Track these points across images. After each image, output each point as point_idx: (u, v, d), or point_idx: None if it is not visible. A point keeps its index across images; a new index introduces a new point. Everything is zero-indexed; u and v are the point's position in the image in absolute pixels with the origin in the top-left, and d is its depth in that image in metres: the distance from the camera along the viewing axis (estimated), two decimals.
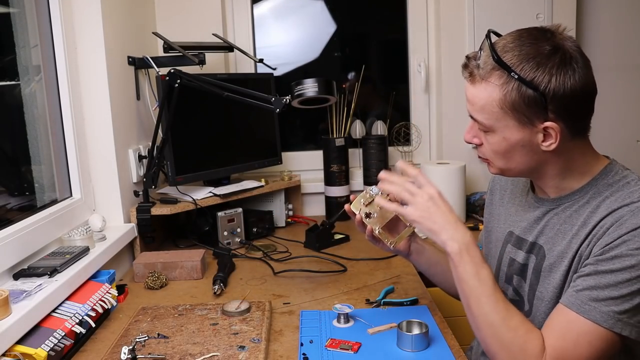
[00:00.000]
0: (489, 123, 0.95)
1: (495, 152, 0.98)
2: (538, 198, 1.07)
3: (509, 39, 0.93)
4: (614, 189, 0.95)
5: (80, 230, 1.41)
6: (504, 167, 1.01)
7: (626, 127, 2.36)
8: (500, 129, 0.95)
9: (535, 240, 1.05)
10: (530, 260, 1.05)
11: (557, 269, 0.98)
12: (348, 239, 1.88)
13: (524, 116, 0.91)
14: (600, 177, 0.98)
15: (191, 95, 1.72)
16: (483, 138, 0.99)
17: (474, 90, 0.95)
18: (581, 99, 0.92)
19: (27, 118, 1.43)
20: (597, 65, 2.62)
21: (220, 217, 1.80)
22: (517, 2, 2.15)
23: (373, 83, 2.34)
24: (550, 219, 1.03)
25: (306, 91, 1.49)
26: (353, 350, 1.08)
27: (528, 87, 0.89)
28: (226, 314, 1.24)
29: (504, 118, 0.93)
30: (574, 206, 0.99)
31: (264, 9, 2.29)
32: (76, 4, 1.55)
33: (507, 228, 1.14)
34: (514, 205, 1.15)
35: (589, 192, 0.98)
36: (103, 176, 1.63)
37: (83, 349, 1.15)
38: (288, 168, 2.21)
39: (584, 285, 0.90)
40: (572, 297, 0.90)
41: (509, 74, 0.90)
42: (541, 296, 1.01)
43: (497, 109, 0.92)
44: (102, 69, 1.58)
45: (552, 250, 1.00)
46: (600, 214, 0.93)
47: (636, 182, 0.95)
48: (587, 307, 0.88)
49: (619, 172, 0.98)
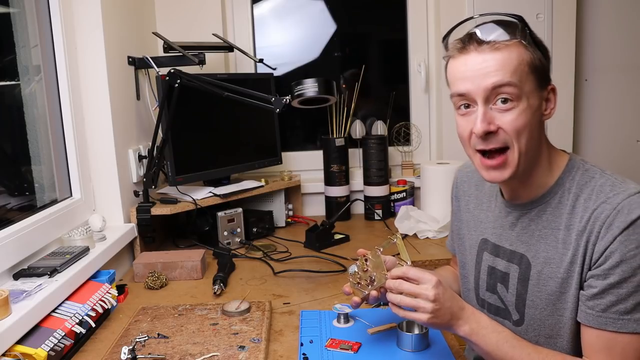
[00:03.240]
0: (520, 85, 0.90)
1: (517, 129, 0.91)
2: (509, 203, 1.05)
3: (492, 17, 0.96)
4: (581, 185, 0.96)
5: (80, 230, 1.41)
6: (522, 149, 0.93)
7: (626, 127, 2.36)
8: (525, 96, 0.91)
9: (514, 249, 1.03)
10: (512, 269, 1.04)
11: (548, 275, 0.97)
12: (348, 239, 1.88)
13: (542, 79, 0.93)
14: (565, 175, 0.98)
15: (191, 95, 1.72)
16: (500, 119, 0.92)
17: (502, 55, 0.90)
18: None
19: (27, 118, 1.43)
20: (597, 65, 2.64)
21: (220, 217, 1.80)
22: (517, 2, 2.15)
23: (373, 83, 2.34)
24: (526, 225, 1.01)
25: (306, 91, 1.49)
26: (353, 350, 1.08)
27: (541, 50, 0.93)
28: (226, 314, 1.24)
29: (530, 81, 0.92)
30: (547, 208, 0.98)
31: (264, 9, 2.29)
32: (76, 4, 1.55)
33: (480, 235, 1.12)
34: (482, 211, 1.13)
35: (557, 192, 0.98)
36: (103, 176, 1.63)
37: (83, 349, 1.15)
38: (288, 168, 2.21)
39: (607, 303, 0.89)
40: (602, 317, 0.90)
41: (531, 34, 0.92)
42: (533, 305, 1.00)
43: (527, 69, 0.91)
44: (102, 69, 1.58)
45: (537, 258, 0.99)
46: (580, 215, 0.93)
47: (600, 174, 0.95)
48: (622, 322, 0.89)
49: (581, 167, 0.98)
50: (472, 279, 1.14)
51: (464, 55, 0.93)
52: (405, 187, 2.16)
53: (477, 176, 1.13)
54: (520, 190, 1.02)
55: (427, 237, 1.89)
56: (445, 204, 1.94)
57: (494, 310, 1.07)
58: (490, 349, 0.94)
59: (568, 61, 2.21)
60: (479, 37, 0.92)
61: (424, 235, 1.89)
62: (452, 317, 0.95)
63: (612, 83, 2.33)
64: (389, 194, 2.16)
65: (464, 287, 1.19)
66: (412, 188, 2.19)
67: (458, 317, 0.95)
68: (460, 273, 1.20)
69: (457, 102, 0.96)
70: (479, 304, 1.12)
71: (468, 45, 0.92)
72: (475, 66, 0.91)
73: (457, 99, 0.96)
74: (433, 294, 0.93)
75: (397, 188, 2.16)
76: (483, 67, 0.90)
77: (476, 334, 0.95)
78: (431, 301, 0.93)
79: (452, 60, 0.96)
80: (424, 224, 1.91)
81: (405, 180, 2.18)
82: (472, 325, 0.95)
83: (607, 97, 2.35)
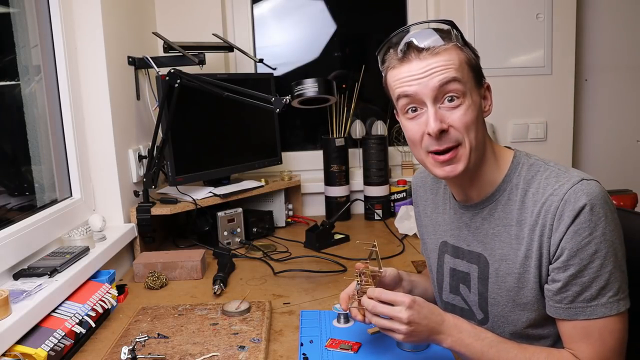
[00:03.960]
0: (463, 87, 0.93)
1: (466, 125, 0.94)
2: (461, 205, 1.07)
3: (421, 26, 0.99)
4: (528, 179, 0.98)
5: (80, 230, 1.41)
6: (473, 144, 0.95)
7: (626, 127, 2.36)
8: (469, 92, 0.94)
9: (471, 249, 1.06)
10: (472, 269, 1.06)
11: (505, 272, 0.99)
12: (348, 239, 1.88)
13: (478, 77, 0.98)
14: (512, 171, 1.01)
15: (191, 95, 1.72)
16: (449, 117, 0.94)
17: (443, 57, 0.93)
18: None
19: (27, 118, 1.43)
20: (597, 65, 2.64)
21: (220, 217, 1.80)
22: (517, 2, 2.15)
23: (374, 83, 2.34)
24: (479, 224, 1.04)
25: (306, 91, 1.49)
26: (353, 350, 1.08)
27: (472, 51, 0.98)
28: (226, 314, 1.24)
29: (470, 79, 0.96)
30: (498, 206, 1.01)
31: (264, 9, 2.29)
32: (76, 4, 1.55)
33: (439, 238, 1.14)
34: (439, 214, 1.15)
35: (506, 189, 1.00)
36: (103, 176, 1.63)
37: (83, 349, 1.15)
38: (288, 168, 2.21)
39: (573, 294, 0.92)
40: (571, 309, 0.92)
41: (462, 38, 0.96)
42: (495, 302, 1.02)
43: (467, 68, 0.95)
44: (102, 69, 1.58)
45: (493, 256, 1.01)
46: (531, 209, 0.95)
47: (545, 167, 0.98)
48: (591, 309, 0.91)
49: (526, 162, 1.01)
50: (435, 282, 1.17)
51: (406, 64, 0.95)
52: (405, 187, 2.16)
53: (432, 180, 1.18)
54: (470, 189, 1.04)
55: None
56: None
57: (458, 311, 1.09)
58: (477, 356, 0.95)
59: (568, 61, 2.21)
60: (418, 45, 0.94)
61: None
62: (430, 333, 0.95)
63: (612, 83, 2.33)
64: (389, 194, 2.16)
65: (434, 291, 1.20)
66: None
67: (438, 332, 0.95)
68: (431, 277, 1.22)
69: (404, 106, 0.97)
70: (444, 307, 1.13)
71: (408, 55, 0.95)
72: (420, 70, 0.93)
73: (403, 102, 0.97)
74: (406, 317, 0.93)
75: (397, 188, 2.16)
76: (428, 70, 0.93)
77: (459, 345, 0.95)
78: (405, 323, 0.93)
79: (393, 70, 0.98)
80: None
81: (405, 180, 2.18)
82: (455, 337, 0.95)
83: (607, 97, 2.35)
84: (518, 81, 2.21)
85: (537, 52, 2.19)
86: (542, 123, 2.25)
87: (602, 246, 0.89)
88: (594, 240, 0.89)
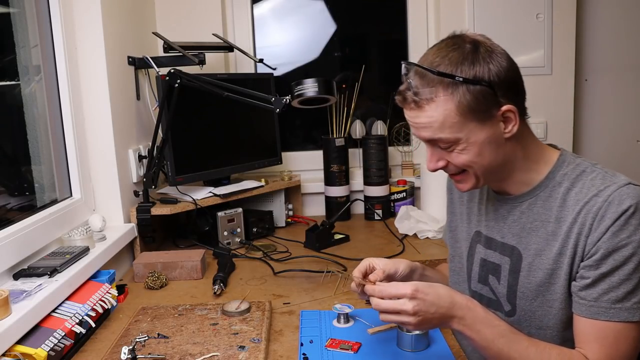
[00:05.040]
0: (453, 136, 0.94)
1: (465, 161, 0.97)
2: (500, 196, 1.08)
3: (432, 55, 0.95)
4: (572, 178, 0.98)
5: (80, 230, 1.41)
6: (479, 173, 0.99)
7: (626, 127, 2.36)
8: (465, 137, 0.94)
9: (506, 241, 1.05)
10: (504, 261, 1.06)
11: (538, 267, 0.99)
12: (348, 239, 1.88)
13: (482, 112, 0.93)
14: (556, 169, 1.01)
15: (191, 95, 1.72)
16: (447, 156, 0.98)
17: (426, 113, 0.94)
18: (517, 77, 0.97)
19: (27, 118, 1.43)
20: (597, 65, 2.64)
21: (220, 217, 1.80)
22: (517, 2, 2.15)
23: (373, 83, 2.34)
24: (517, 217, 1.04)
25: (306, 91, 1.49)
26: (353, 350, 1.08)
27: (475, 84, 0.91)
28: (226, 314, 1.24)
29: (465, 124, 0.93)
30: (538, 201, 1.01)
31: (264, 9, 2.29)
32: (76, 4, 1.55)
33: (474, 228, 1.14)
34: (476, 204, 1.15)
35: (548, 186, 1.00)
36: (103, 176, 1.63)
37: (83, 349, 1.15)
38: (288, 168, 2.21)
39: (599, 292, 0.91)
40: (594, 307, 0.92)
41: (454, 80, 0.91)
42: (524, 296, 1.02)
43: (457, 117, 0.92)
44: (102, 69, 1.58)
45: (527, 250, 1.01)
46: (572, 207, 0.95)
47: (591, 168, 0.98)
48: (614, 311, 0.90)
49: (572, 161, 1.01)
50: (465, 270, 1.16)
51: (404, 109, 0.98)
52: (405, 187, 2.16)
53: None
54: (504, 187, 1.05)
55: (427, 237, 1.89)
56: (445, 204, 1.95)
57: (485, 301, 1.09)
58: (486, 343, 0.94)
59: (568, 61, 2.21)
60: (404, 95, 0.96)
61: (424, 235, 1.89)
62: (442, 318, 0.94)
63: (612, 83, 2.33)
64: (389, 194, 2.16)
65: (453, 280, 1.20)
66: (412, 188, 2.18)
67: (450, 316, 0.94)
68: (449, 266, 1.22)
69: None
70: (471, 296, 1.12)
71: (401, 101, 0.97)
72: (410, 120, 0.97)
73: None
74: (411, 308, 0.91)
75: (397, 188, 2.16)
76: (415, 122, 0.96)
77: (470, 329, 0.94)
78: (411, 315, 0.92)
79: None
80: (424, 224, 1.91)
81: (405, 180, 2.18)
82: (467, 320, 0.94)
83: (607, 97, 2.35)
84: None
85: (537, 52, 2.19)
86: (542, 123, 2.25)
87: (638, 251, 0.89)
88: (632, 244, 0.89)
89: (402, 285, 0.94)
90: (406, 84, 0.96)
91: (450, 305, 0.94)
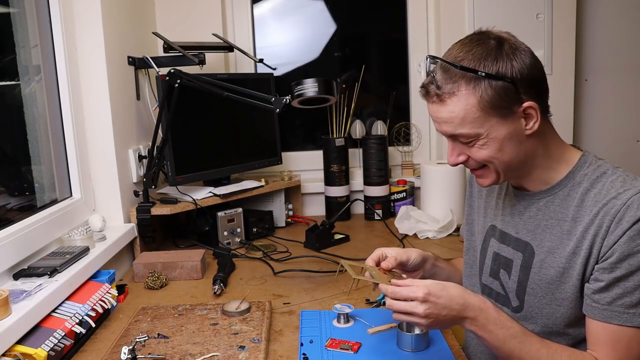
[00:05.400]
0: (474, 131, 0.95)
1: (486, 156, 0.97)
2: (518, 192, 1.08)
3: (456, 50, 0.96)
4: (592, 179, 0.98)
5: (80, 230, 1.41)
6: (499, 169, 1.00)
7: (626, 127, 2.36)
8: (485, 132, 0.95)
9: (520, 237, 1.06)
10: (516, 256, 1.06)
11: (550, 264, 0.99)
12: (348, 239, 1.88)
13: (504, 108, 0.93)
14: (577, 169, 1.01)
15: (191, 95, 1.72)
16: (468, 151, 0.99)
17: (448, 107, 0.94)
18: (540, 74, 0.98)
19: (27, 118, 1.43)
20: (597, 65, 2.63)
21: (220, 217, 1.80)
22: (517, 2, 2.15)
23: (373, 83, 2.34)
24: (533, 214, 1.04)
25: (306, 91, 1.49)
26: (353, 350, 1.08)
27: (497, 80, 0.91)
28: (226, 314, 1.24)
29: (486, 119, 0.94)
30: (555, 200, 1.01)
31: (264, 9, 2.29)
32: (76, 4, 1.55)
33: (489, 222, 1.15)
34: (494, 198, 1.16)
35: (567, 185, 1.00)
36: (103, 176, 1.63)
37: (83, 349, 1.15)
38: (288, 168, 2.21)
39: (613, 296, 0.91)
40: (607, 311, 0.91)
41: (476, 75, 0.91)
42: (533, 292, 1.02)
43: (479, 113, 0.93)
44: (102, 69, 1.58)
45: (541, 247, 1.02)
46: (590, 208, 0.95)
47: (612, 171, 0.98)
48: (627, 316, 0.90)
49: (593, 162, 1.01)
50: (477, 264, 1.17)
51: (427, 102, 0.99)
52: (405, 187, 2.16)
53: None
54: (523, 183, 1.06)
55: (427, 237, 1.89)
56: (445, 204, 1.95)
57: (494, 296, 1.09)
58: (498, 344, 0.94)
59: (568, 61, 2.21)
60: (428, 89, 0.97)
61: (424, 235, 1.89)
62: (453, 319, 0.94)
63: (612, 83, 2.33)
64: (389, 194, 2.16)
65: (466, 273, 1.21)
66: (412, 188, 2.18)
67: (462, 317, 0.94)
68: (464, 259, 1.23)
69: None
70: (481, 289, 1.14)
71: (424, 95, 0.99)
72: (433, 114, 0.99)
73: None
74: (422, 312, 0.92)
75: (397, 188, 2.16)
76: (437, 116, 0.97)
77: (483, 330, 0.94)
78: (423, 317, 0.92)
79: None
80: (424, 224, 1.91)
81: (405, 180, 2.18)
82: (480, 321, 0.94)
83: (607, 97, 2.35)
84: None
85: (537, 52, 2.14)
86: None
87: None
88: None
89: (414, 287, 0.94)
90: (430, 78, 0.96)
91: (462, 307, 0.94)
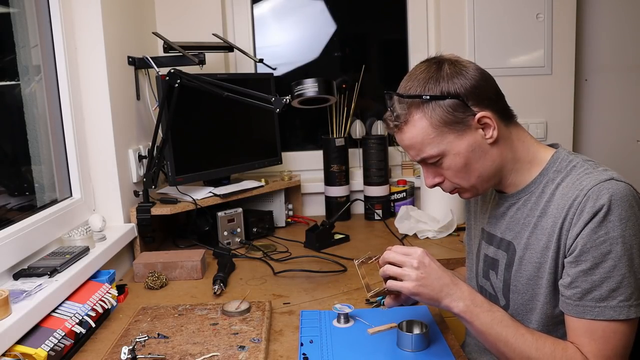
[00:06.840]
0: (435, 151, 1.01)
1: (456, 172, 1.03)
2: (500, 195, 1.12)
3: (404, 82, 1.04)
4: (563, 174, 1.00)
5: (80, 230, 1.41)
6: (473, 182, 1.04)
7: (626, 127, 2.36)
8: (448, 149, 1.00)
9: (503, 237, 1.10)
10: (500, 255, 1.10)
11: (528, 260, 1.02)
12: (348, 239, 1.88)
13: (457, 123, 0.99)
14: (549, 166, 1.03)
15: (191, 95, 1.72)
16: (441, 171, 1.05)
17: (407, 134, 1.02)
18: (487, 84, 1.01)
19: (27, 118, 1.43)
20: (597, 65, 2.63)
21: (220, 217, 1.80)
22: (517, 2, 2.15)
23: (373, 83, 2.34)
24: (514, 214, 1.08)
25: (306, 91, 1.49)
26: None
27: (443, 99, 0.98)
28: (226, 314, 1.24)
29: (443, 137, 0.99)
30: (532, 198, 1.04)
31: (264, 9, 2.29)
32: (76, 4, 1.55)
33: (480, 225, 1.19)
34: (485, 202, 1.20)
35: (542, 182, 1.03)
36: (103, 176, 1.63)
37: (83, 349, 1.15)
38: (288, 168, 2.21)
39: (582, 291, 0.92)
40: (579, 306, 0.93)
41: (421, 99, 0.98)
42: (516, 289, 1.05)
43: (434, 133, 0.99)
44: (102, 69, 1.58)
45: (520, 244, 1.05)
46: (557, 202, 0.98)
47: (582, 164, 1.00)
48: (599, 310, 0.92)
49: (565, 158, 1.03)
50: (473, 267, 1.21)
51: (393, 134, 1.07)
52: (405, 187, 2.16)
53: None
54: (502, 188, 1.10)
55: (427, 237, 1.89)
56: (445, 204, 1.95)
57: (487, 296, 1.11)
58: (484, 328, 0.97)
59: (568, 61, 2.21)
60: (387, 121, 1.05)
61: (424, 235, 1.89)
62: (442, 289, 0.98)
63: (612, 83, 2.33)
64: (389, 194, 2.16)
65: (467, 277, 1.25)
66: (412, 188, 2.19)
67: (450, 292, 0.98)
68: (466, 264, 1.27)
69: None
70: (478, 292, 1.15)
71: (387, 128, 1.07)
72: (399, 143, 1.06)
73: None
74: (416, 261, 0.98)
75: (397, 188, 2.16)
76: (402, 145, 1.05)
77: (470, 313, 0.98)
78: (415, 268, 0.98)
79: None
80: (424, 224, 1.91)
81: (405, 180, 2.18)
82: (467, 302, 0.98)
83: (607, 97, 2.35)
84: (518, 81, 2.20)
85: (537, 52, 2.19)
86: (542, 123, 2.25)
87: (617, 248, 0.89)
88: (609, 240, 0.90)
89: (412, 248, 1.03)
90: (388, 112, 1.04)
91: (454, 282, 0.99)
